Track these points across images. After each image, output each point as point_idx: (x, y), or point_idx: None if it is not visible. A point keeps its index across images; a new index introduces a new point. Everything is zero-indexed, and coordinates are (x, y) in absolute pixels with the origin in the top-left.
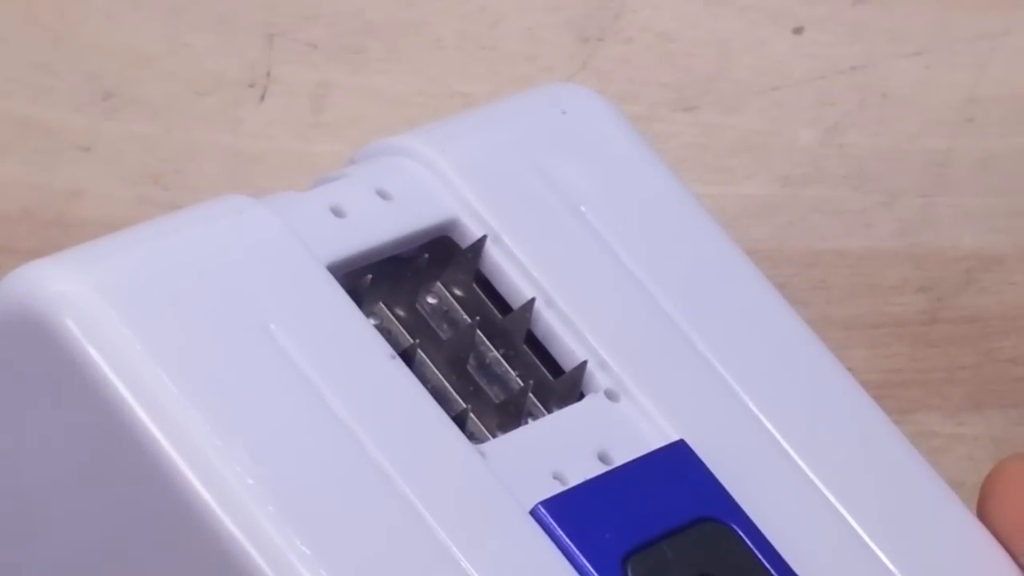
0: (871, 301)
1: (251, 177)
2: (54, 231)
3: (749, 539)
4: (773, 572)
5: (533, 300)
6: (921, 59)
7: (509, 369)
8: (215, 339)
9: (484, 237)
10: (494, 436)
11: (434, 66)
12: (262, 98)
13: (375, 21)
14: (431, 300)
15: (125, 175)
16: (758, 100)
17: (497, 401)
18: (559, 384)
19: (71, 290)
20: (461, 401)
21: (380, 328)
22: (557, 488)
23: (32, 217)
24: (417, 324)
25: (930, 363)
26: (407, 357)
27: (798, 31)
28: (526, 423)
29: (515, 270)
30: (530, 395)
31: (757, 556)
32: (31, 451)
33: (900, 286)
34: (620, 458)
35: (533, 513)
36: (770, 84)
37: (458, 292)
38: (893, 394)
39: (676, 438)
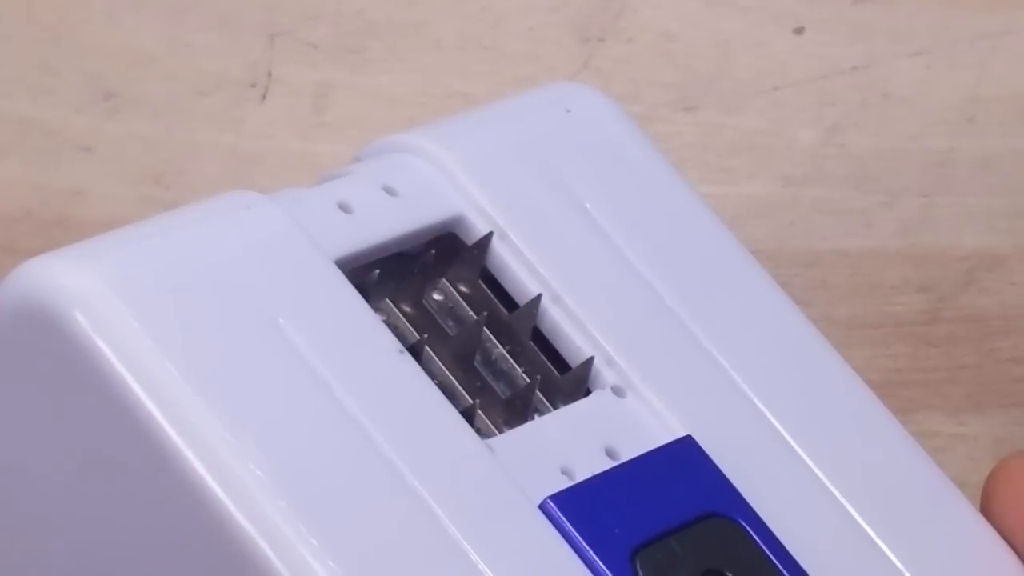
0: (872, 301)
1: (252, 177)
2: (55, 231)
3: (757, 535)
4: (781, 567)
5: (539, 296)
6: (922, 59)
7: (515, 365)
8: (224, 333)
9: (490, 234)
10: (501, 432)
11: (435, 66)
12: (263, 98)
13: (376, 21)
14: (437, 297)
15: (126, 175)
16: (759, 100)
17: (504, 397)
18: (565, 380)
19: (79, 283)
20: (468, 397)
21: (387, 324)
22: (565, 483)
23: (33, 217)
24: (423, 321)
25: (931, 363)
26: (414, 353)
27: (799, 31)
28: (532, 419)
29: (521, 267)
30: (536, 392)
31: (765, 552)
32: (39, 445)
33: (901, 286)
34: (627, 453)
35: (542, 507)
36: (771, 84)
37: (464, 289)
38: (894, 394)
39: (683, 434)
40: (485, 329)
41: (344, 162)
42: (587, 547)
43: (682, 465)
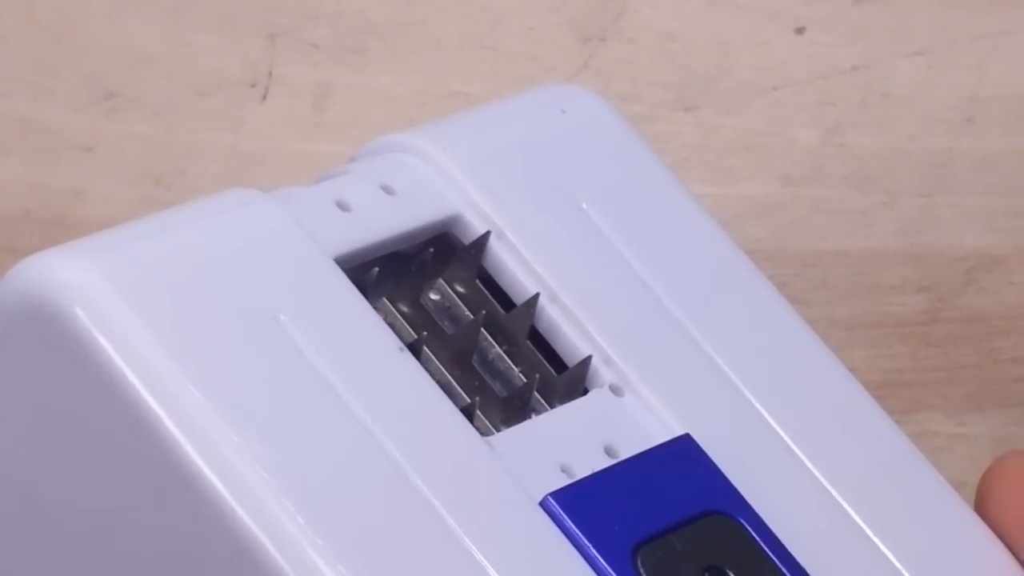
0: (872, 301)
1: (252, 177)
2: (55, 231)
3: (756, 532)
4: (780, 565)
5: (537, 296)
6: (922, 59)
7: (512, 365)
8: (225, 329)
9: (487, 233)
10: (499, 431)
11: (435, 66)
12: (263, 98)
13: (376, 21)
14: (434, 297)
15: (126, 175)
16: (759, 100)
17: (502, 397)
18: (563, 380)
19: (80, 279)
20: (466, 396)
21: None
22: (565, 480)
23: (33, 217)
24: (421, 320)
25: (931, 363)
26: (413, 352)
27: (799, 31)
28: (530, 418)
29: (518, 266)
30: (534, 391)
31: (764, 549)
32: (40, 441)
33: (901, 286)
34: (626, 452)
35: (543, 504)
36: (771, 84)
37: (460, 289)
38: (894, 394)
39: (681, 432)
40: (482, 329)
41: (344, 162)
42: (588, 544)
43: (681, 463)
